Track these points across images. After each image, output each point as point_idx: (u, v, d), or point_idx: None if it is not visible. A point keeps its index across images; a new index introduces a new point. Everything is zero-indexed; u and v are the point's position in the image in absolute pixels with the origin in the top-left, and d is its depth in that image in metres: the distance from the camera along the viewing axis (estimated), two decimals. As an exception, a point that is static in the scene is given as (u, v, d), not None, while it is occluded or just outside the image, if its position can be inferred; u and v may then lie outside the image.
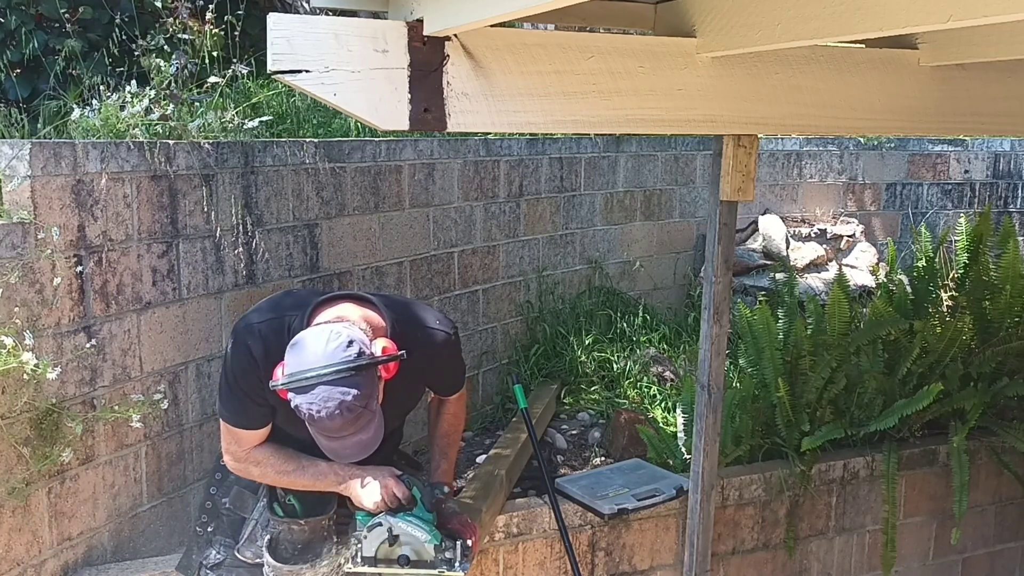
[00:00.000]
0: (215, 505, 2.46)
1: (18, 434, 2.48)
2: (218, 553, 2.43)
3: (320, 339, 2.05)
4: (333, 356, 2.02)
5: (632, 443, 4.12)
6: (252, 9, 4.34)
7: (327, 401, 2.00)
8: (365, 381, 2.05)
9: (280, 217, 3.45)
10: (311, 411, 2.02)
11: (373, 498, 2.25)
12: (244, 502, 2.42)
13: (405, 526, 2.25)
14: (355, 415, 2.03)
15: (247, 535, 2.39)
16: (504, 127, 2.17)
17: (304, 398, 2.02)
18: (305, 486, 2.32)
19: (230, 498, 2.43)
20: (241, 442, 2.30)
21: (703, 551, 3.30)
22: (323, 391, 2.00)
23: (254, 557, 2.37)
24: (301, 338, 2.09)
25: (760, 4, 2.02)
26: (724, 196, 2.83)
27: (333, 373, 2.01)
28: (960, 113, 2.78)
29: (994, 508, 4.19)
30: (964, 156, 7.03)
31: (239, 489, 2.43)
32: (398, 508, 2.27)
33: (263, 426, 2.29)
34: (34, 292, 2.53)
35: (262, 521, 2.39)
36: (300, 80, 1.89)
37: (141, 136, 2.96)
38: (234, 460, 2.34)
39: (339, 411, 2.01)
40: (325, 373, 2.01)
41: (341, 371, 2.01)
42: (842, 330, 3.80)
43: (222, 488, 2.46)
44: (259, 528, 2.38)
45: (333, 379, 2.00)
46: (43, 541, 2.62)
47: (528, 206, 4.99)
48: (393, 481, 2.27)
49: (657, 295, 5.93)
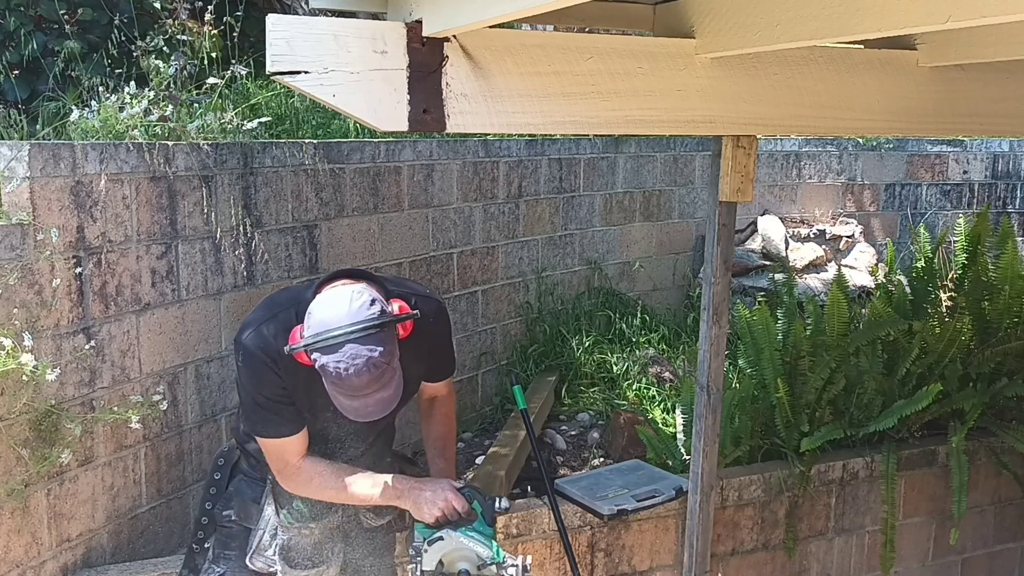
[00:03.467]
0: (212, 520, 2.42)
1: (17, 435, 2.48)
2: (219, 566, 2.39)
3: (343, 299, 2.08)
4: (359, 314, 2.05)
5: (631, 444, 4.12)
6: (251, 10, 4.34)
7: (355, 359, 2.01)
8: (388, 338, 2.08)
9: (279, 218, 3.45)
10: (339, 369, 2.02)
11: (433, 511, 2.22)
12: (248, 513, 2.38)
13: (466, 541, 2.20)
14: (380, 371, 2.05)
15: (255, 546, 2.36)
16: (503, 128, 2.17)
17: (332, 357, 2.03)
18: (363, 500, 2.29)
19: (234, 511, 2.39)
20: (288, 455, 2.26)
21: (702, 552, 3.30)
22: (351, 349, 2.02)
23: (265, 567, 2.35)
24: (326, 298, 2.11)
25: (759, 5, 2.02)
26: (723, 197, 2.83)
27: (361, 331, 2.03)
28: (959, 114, 2.78)
29: (993, 509, 4.19)
30: (963, 157, 7.04)
31: (241, 500, 2.39)
32: (458, 521, 2.23)
33: (302, 427, 2.27)
34: (33, 293, 2.53)
35: (269, 530, 2.36)
36: (299, 81, 1.89)
37: (140, 137, 2.96)
38: (286, 480, 2.29)
39: (366, 368, 2.02)
40: (353, 331, 2.03)
41: (368, 328, 2.04)
42: (841, 331, 3.80)
43: (220, 501, 2.42)
44: (267, 537, 2.36)
45: (360, 336, 2.03)
46: (42, 542, 2.61)
47: (527, 207, 4.99)
48: (452, 494, 2.24)
49: (656, 296, 5.94)
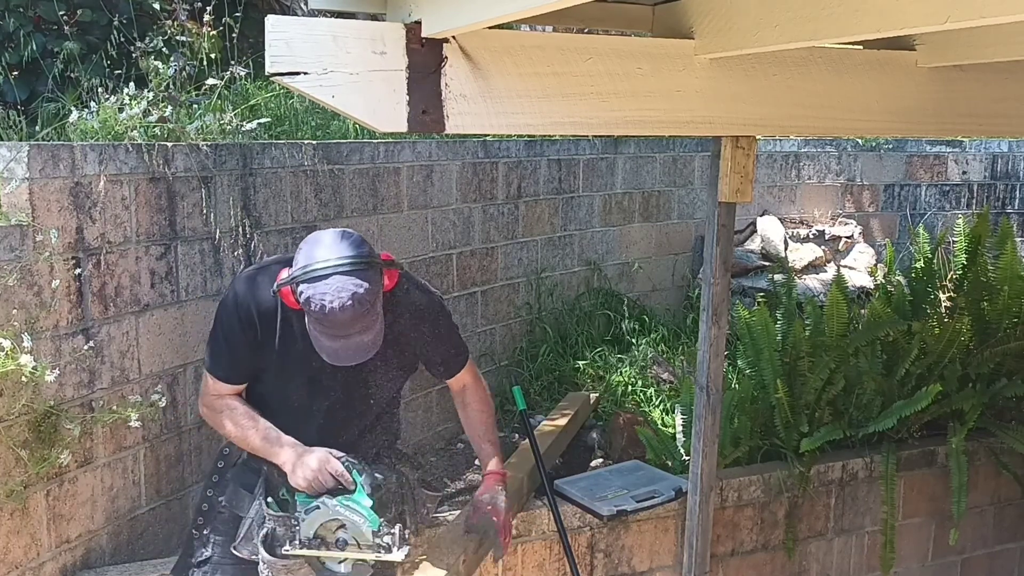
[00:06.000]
0: (211, 507, 2.47)
1: (16, 436, 2.48)
2: (209, 550, 2.44)
3: (335, 235, 2.13)
4: (348, 249, 2.10)
5: (631, 444, 4.12)
6: (250, 11, 4.34)
7: (341, 291, 2.04)
8: (375, 278, 2.12)
9: (278, 219, 3.45)
10: (323, 301, 2.05)
11: (305, 476, 2.25)
12: (240, 501, 2.43)
13: (343, 510, 2.24)
14: (364, 309, 2.08)
15: (243, 533, 2.40)
16: (502, 129, 2.17)
17: (317, 287, 2.06)
18: (254, 448, 2.35)
19: (226, 496, 2.44)
20: (216, 389, 2.37)
21: (702, 552, 3.30)
22: (338, 281, 2.05)
23: (251, 555, 2.38)
24: (315, 235, 2.16)
25: (758, 6, 2.02)
26: (722, 197, 2.83)
27: (349, 264, 2.07)
28: (958, 114, 2.78)
29: (993, 509, 4.19)
30: (962, 157, 7.04)
31: (235, 487, 2.44)
32: (337, 491, 2.26)
33: (240, 382, 2.36)
34: (32, 294, 2.53)
35: (258, 519, 2.40)
36: (298, 82, 1.90)
37: (139, 138, 2.95)
38: (207, 408, 2.41)
39: (351, 302, 2.04)
40: (341, 264, 2.07)
41: (356, 262, 2.07)
42: (840, 331, 3.80)
43: (218, 488, 2.48)
44: (255, 526, 2.39)
45: (348, 269, 2.06)
46: (41, 543, 2.61)
47: (527, 208, 5.00)
48: (327, 463, 2.27)
49: (656, 296, 5.94)
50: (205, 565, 2.42)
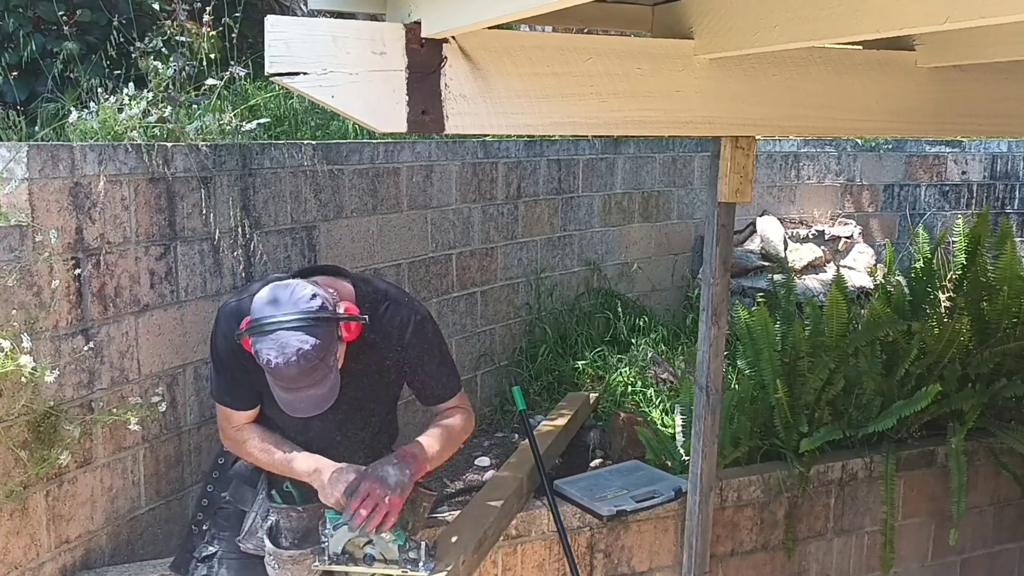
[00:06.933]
0: (212, 502, 2.48)
1: (16, 437, 2.48)
2: (213, 545, 2.45)
3: (286, 290, 2.14)
4: (296, 305, 2.10)
5: (630, 444, 4.11)
6: (250, 11, 4.33)
7: (284, 348, 2.05)
8: (325, 334, 2.10)
9: (278, 219, 3.44)
10: (269, 356, 2.06)
11: (335, 494, 2.26)
12: (244, 495, 2.45)
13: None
14: (311, 365, 2.08)
15: (248, 527, 2.42)
16: (502, 129, 2.17)
17: (264, 343, 2.08)
18: (280, 471, 2.36)
19: (229, 491, 2.46)
20: (229, 419, 2.41)
21: (702, 552, 3.30)
22: (282, 336, 2.06)
23: (255, 549, 2.40)
24: (271, 287, 2.18)
25: (757, 6, 2.03)
26: (722, 198, 2.84)
27: (295, 320, 2.07)
28: (958, 114, 2.78)
29: (992, 509, 4.20)
30: (961, 157, 7.04)
31: (238, 482, 2.46)
32: None
33: (249, 407, 2.39)
34: (32, 295, 2.53)
35: (262, 513, 2.42)
36: (298, 82, 1.90)
37: (139, 138, 2.95)
38: (224, 439, 2.45)
39: (296, 358, 2.05)
40: (286, 320, 2.07)
41: (302, 320, 2.08)
42: (840, 331, 3.80)
43: (219, 483, 2.49)
44: (259, 520, 2.41)
45: (293, 326, 2.07)
46: (41, 544, 2.61)
47: (526, 208, 4.99)
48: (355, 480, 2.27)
49: (655, 296, 5.93)
50: (210, 560, 2.43)
